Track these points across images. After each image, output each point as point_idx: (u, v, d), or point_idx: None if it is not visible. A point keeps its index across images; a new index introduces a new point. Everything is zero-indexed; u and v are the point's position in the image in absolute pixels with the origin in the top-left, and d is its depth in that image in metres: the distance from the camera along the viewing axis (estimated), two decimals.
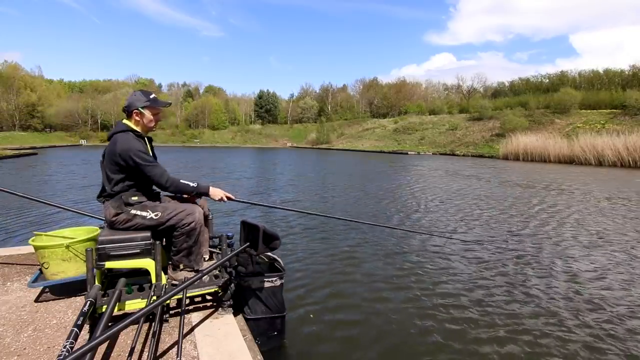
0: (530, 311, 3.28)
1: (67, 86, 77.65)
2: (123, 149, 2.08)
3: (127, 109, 2.25)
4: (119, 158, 2.08)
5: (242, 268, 2.49)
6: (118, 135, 2.15)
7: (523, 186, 12.62)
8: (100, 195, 2.25)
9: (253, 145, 64.84)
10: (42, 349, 1.87)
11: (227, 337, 2.07)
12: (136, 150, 2.09)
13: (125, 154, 2.07)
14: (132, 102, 2.23)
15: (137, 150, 2.10)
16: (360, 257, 4.71)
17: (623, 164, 23.45)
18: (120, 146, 2.08)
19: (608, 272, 4.28)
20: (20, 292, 2.57)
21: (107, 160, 2.15)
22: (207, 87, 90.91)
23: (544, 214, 7.73)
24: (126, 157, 2.08)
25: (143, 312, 1.50)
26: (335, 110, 75.69)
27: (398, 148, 47.20)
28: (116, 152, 2.08)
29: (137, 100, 2.24)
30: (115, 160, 2.10)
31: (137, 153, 2.09)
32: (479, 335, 2.87)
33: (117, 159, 2.09)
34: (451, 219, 7.13)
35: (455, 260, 4.63)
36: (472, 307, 3.35)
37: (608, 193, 11.00)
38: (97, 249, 2.04)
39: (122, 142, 2.10)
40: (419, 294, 3.62)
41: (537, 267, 4.44)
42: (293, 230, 6.00)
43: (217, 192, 2.34)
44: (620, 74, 48.36)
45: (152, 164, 2.16)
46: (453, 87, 71.21)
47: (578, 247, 5.28)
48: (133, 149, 2.09)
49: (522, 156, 30.19)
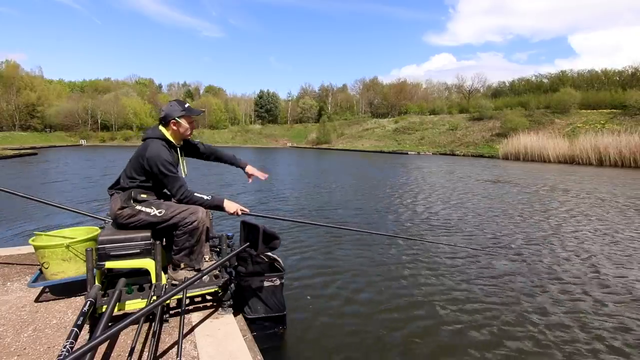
0: (544, 319, 3.27)
1: (67, 86, 77.58)
2: (151, 156, 2.18)
3: (164, 119, 2.33)
4: (145, 162, 2.19)
5: (242, 268, 2.49)
6: (151, 141, 2.25)
7: (531, 188, 12.61)
8: (112, 187, 2.32)
9: (253, 145, 64.82)
10: (42, 349, 1.87)
11: (227, 337, 2.07)
12: (163, 160, 2.18)
13: (152, 161, 2.17)
14: (169, 112, 2.31)
15: (164, 160, 2.19)
16: (362, 259, 4.71)
17: (624, 164, 23.44)
18: (150, 152, 2.19)
19: (627, 274, 4.27)
20: (20, 292, 2.57)
21: (134, 158, 2.26)
22: (207, 87, 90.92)
23: (558, 216, 7.72)
24: (152, 163, 2.18)
25: (143, 312, 1.50)
26: (335, 110, 75.69)
27: (398, 148, 47.19)
28: (145, 156, 2.19)
29: (174, 111, 2.31)
30: (142, 163, 2.20)
31: (163, 162, 2.18)
32: (480, 336, 2.87)
33: (144, 163, 2.19)
34: (452, 223, 7.13)
35: (459, 265, 4.62)
36: (477, 312, 3.34)
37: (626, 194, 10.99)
38: (97, 249, 2.04)
39: (152, 149, 2.20)
40: (420, 296, 3.61)
41: (561, 276, 4.42)
42: (294, 230, 6.00)
43: (232, 205, 2.38)
44: (619, 74, 48.44)
45: (174, 175, 2.24)
46: (454, 86, 71.16)
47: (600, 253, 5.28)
48: (161, 158, 2.18)
49: (522, 156, 30.20)
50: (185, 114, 2.34)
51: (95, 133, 62.99)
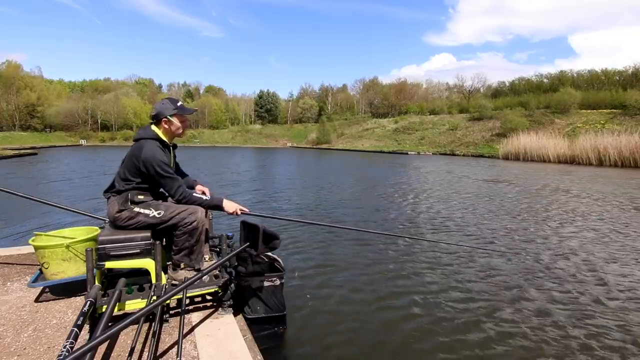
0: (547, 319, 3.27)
1: (67, 86, 77.57)
2: (147, 157, 2.15)
3: (155, 117, 2.31)
4: (141, 164, 2.16)
5: (242, 268, 2.49)
6: (145, 142, 2.22)
7: (530, 188, 12.61)
8: (108, 191, 2.29)
9: (253, 145, 64.79)
10: (42, 349, 1.87)
11: (227, 337, 2.07)
12: (159, 161, 2.16)
13: (148, 162, 2.15)
14: (161, 110, 2.29)
15: (159, 161, 2.17)
16: (362, 258, 4.71)
17: (624, 164, 23.43)
18: (145, 153, 2.16)
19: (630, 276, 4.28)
20: (20, 292, 2.57)
21: (128, 160, 2.22)
22: (207, 87, 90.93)
23: (555, 216, 7.73)
24: (148, 165, 2.15)
25: (143, 312, 1.50)
26: (335, 110, 75.67)
27: (398, 148, 47.18)
28: (140, 157, 2.16)
29: (166, 109, 2.30)
30: (137, 164, 2.17)
31: (159, 163, 2.16)
32: (480, 335, 2.87)
33: (139, 164, 2.17)
34: (450, 222, 7.13)
35: (458, 265, 4.62)
36: (476, 311, 3.34)
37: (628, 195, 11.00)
38: (97, 249, 2.04)
39: (147, 150, 2.17)
40: (419, 295, 3.61)
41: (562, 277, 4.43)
42: (293, 229, 5.99)
43: (231, 205, 2.36)
44: (619, 74, 48.42)
45: (170, 176, 2.22)
46: (455, 86, 71.13)
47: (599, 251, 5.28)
48: (157, 159, 2.16)
49: (522, 156, 30.19)
50: (177, 112, 2.31)
51: (95, 133, 63.00)
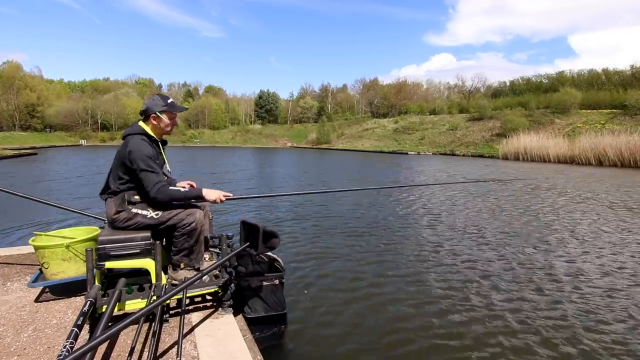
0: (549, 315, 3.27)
1: (67, 86, 77.60)
2: (132, 150, 2.13)
3: (144, 113, 2.29)
4: (127, 160, 2.13)
5: (242, 268, 2.49)
6: (131, 137, 2.20)
7: (529, 188, 12.62)
8: (103, 192, 2.27)
9: (253, 145, 64.81)
10: (42, 349, 1.87)
11: (227, 337, 2.07)
12: (144, 155, 2.13)
13: (132, 156, 2.12)
14: (150, 106, 2.27)
15: (144, 155, 2.13)
16: (363, 257, 4.71)
17: (624, 164, 23.43)
18: (131, 147, 2.14)
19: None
20: (20, 292, 2.57)
21: (117, 159, 2.20)
22: (207, 87, 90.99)
23: (553, 214, 7.73)
24: (132, 158, 2.12)
25: (143, 312, 1.50)
26: (335, 110, 75.67)
27: (398, 148, 47.20)
28: (126, 152, 2.14)
29: (156, 105, 2.27)
30: (124, 160, 2.15)
31: (143, 157, 2.12)
32: (479, 333, 2.87)
33: (125, 160, 2.14)
34: (449, 222, 7.13)
35: (457, 264, 4.62)
36: (475, 310, 3.34)
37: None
38: (97, 249, 2.04)
39: (132, 144, 2.15)
40: (420, 294, 3.61)
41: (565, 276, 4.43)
42: (295, 230, 6.00)
43: (212, 193, 2.29)
44: (619, 74, 48.41)
45: (152, 170, 2.14)
46: (456, 86, 71.17)
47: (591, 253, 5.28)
48: (142, 152, 2.13)
49: (522, 156, 30.21)
50: (167, 109, 2.29)
51: (95, 133, 62.99)
